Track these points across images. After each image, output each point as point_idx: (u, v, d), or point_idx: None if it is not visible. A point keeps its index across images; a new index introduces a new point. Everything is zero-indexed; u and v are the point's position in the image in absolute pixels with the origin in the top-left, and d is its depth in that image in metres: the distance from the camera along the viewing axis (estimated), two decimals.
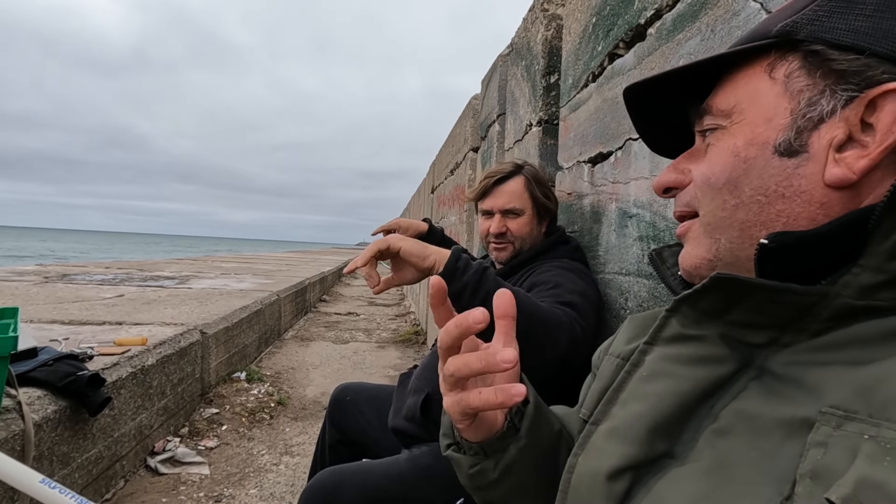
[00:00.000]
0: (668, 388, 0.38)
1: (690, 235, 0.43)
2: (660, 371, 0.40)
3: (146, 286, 4.12)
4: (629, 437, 0.39)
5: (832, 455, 0.27)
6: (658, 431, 0.38)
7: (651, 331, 0.42)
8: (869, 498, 0.24)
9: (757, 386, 0.35)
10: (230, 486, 1.82)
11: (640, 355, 0.42)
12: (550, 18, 1.70)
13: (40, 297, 3.21)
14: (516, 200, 1.13)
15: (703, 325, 0.38)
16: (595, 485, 0.39)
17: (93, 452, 1.55)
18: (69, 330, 2.18)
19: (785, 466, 0.29)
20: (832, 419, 0.28)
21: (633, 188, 1.00)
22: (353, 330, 4.98)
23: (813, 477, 0.27)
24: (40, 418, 1.32)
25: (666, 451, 0.37)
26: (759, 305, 0.35)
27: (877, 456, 0.25)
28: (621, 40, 1.08)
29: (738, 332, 0.37)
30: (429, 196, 5.77)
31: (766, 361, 0.35)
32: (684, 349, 0.39)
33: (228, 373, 2.83)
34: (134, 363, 1.83)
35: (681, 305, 0.39)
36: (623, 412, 0.41)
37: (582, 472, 0.41)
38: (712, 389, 0.37)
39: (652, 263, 0.51)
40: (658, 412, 0.38)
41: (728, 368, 0.37)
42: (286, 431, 2.35)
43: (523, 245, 1.13)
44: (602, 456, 0.40)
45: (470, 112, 3.24)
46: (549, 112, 1.66)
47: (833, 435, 0.28)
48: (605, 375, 0.49)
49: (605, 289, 1.11)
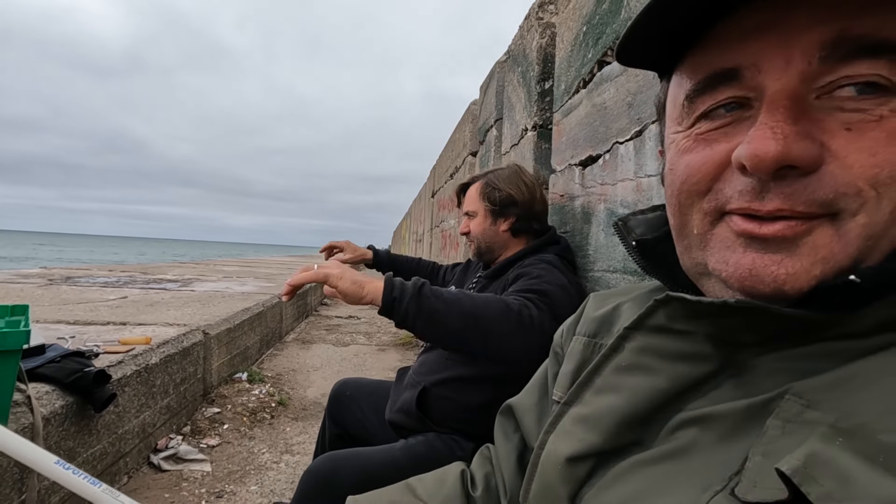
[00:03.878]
0: (645, 384, 0.37)
1: (818, 242, 0.30)
2: (638, 363, 0.39)
3: (149, 289, 4.16)
4: (599, 428, 0.38)
5: (788, 437, 0.27)
6: (628, 424, 0.37)
7: (635, 317, 0.40)
8: (818, 472, 0.24)
9: (732, 382, 0.34)
10: (231, 482, 1.85)
11: (620, 341, 0.40)
12: (545, 27, 1.75)
13: (45, 298, 3.25)
14: (471, 204, 1.28)
15: (692, 321, 0.36)
16: (557, 466, 0.40)
17: (97, 448, 1.59)
18: (74, 329, 2.22)
19: (741, 448, 0.29)
20: (795, 406, 0.28)
21: (620, 189, 1.04)
22: (354, 333, 5.01)
23: (765, 454, 0.27)
24: (48, 413, 1.35)
25: (633, 441, 0.37)
26: (765, 322, 0.32)
27: (830, 437, 0.25)
28: (609, 48, 1.13)
29: (728, 335, 0.34)
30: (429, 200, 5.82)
31: (747, 360, 0.34)
32: (668, 342, 0.37)
33: (230, 373, 2.86)
34: (138, 361, 1.87)
35: (673, 300, 0.36)
36: (596, 400, 0.40)
37: (550, 450, 0.42)
38: (689, 387, 0.36)
39: (617, 232, 0.48)
40: (632, 406, 0.37)
41: (709, 367, 0.35)
42: (287, 431, 2.38)
43: (481, 242, 1.26)
44: (570, 439, 0.40)
45: (469, 117, 3.29)
46: (544, 117, 1.71)
47: (792, 421, 0.28)
48: (574, 356, 0.49)
49: (594, 286, 1.15)
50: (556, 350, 0.56)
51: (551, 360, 0.56)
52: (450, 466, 0.62)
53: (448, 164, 4.32)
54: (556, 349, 0.56)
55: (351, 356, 3.98)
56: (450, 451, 1.01)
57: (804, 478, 0.24)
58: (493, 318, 0.89)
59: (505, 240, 1.24)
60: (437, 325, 0.87)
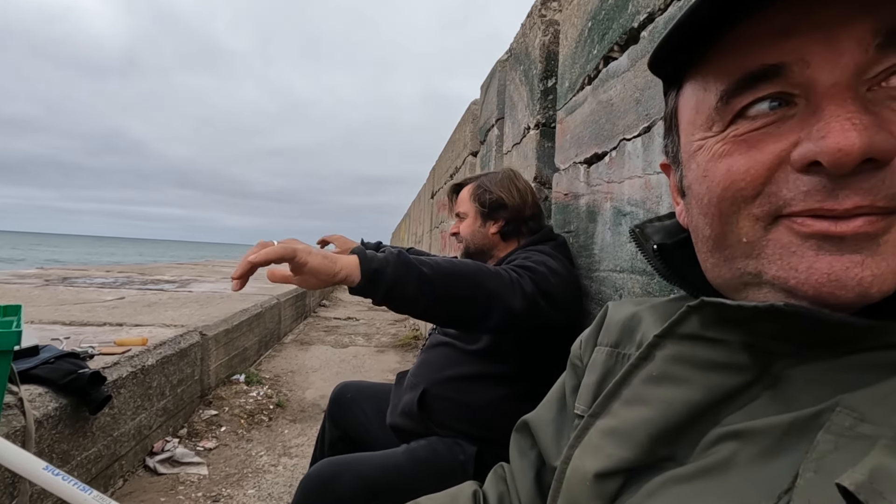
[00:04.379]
0: (679, 396, 0.35)
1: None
2: (670, 374, 0.37)
3: (147, 289, 4.13)
4: (630, 442, 0.36)
5: (842, 452, 0.25)
6: (661, 439, 0.36)
7: (666, 324, 0.38)
8: (886, 486, 0.22)
9: (770, 393, 0.32)
10: (228, 486, 1.82)
11: (650, 349, 0.38)
12: (548, 24, 1.73)
13: (42, 298, 3.22)
14: (462, 205, 1.29)
15: (726, 329, 0.34)
16: (585, 482, 0.38)
17: (92, 451, 1.56)
18: (70, 330, 2.19)
19: (787, 464, 0.28)
20: (846, 419, 0.27)
21: (627, 187, 1.02)
22: (353, 334, 4.98)
23: (818, 471, 0.25)
24: (41, 415, 1.33)
25: (665, 456, 0.35)
26: (803, 328, 0.30)
27: (894, 448, 0.23)
28: (616, 43, 1.11)
29: (764, 343, 0.33)
30: (429, 201, 5.80)
31: (784, 370, 0.32)
32: (700, 351, 0.36)
33: (228, 375, 2.84)
34: (134, 363, 1.85)
35: (706, 305, 0.35)
36: (626, 413, 0.38)
37: (576, 466, 0.39)
38: (724, 398, 0.34)
39: (634, 239, 0.47)
40: (665, 419, 0.35)
41: (745, 378, 0.33)
42: (285, 433, 2.36)
43: (469, 243, 1.27)
44: (598, 454, 0.38)
45: (469, 117, 3.27)
46: (547, 115, 1.69)
47: (844, 435, 0.26)
48: (598, 367, 0.47)
49: (599, 286, 1.12)
50: (575, 362, 0.53)
51: (569, 372, 0.54)
52: (462, 486, 0.59)
53: (448, 164, 4.30)
54: (575, 360, 0.53)
55: (350, 357, 3.95)
56: (452, 455, 0.99)
57: (870, 493, 0.22)
58: (477, 274, 0.87)
59: (494, 242, 1.25)
60: (426, 289, 0.79)
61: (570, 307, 1.03)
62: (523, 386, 1.05)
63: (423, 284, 0.79)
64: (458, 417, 1.05)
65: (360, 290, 0.76)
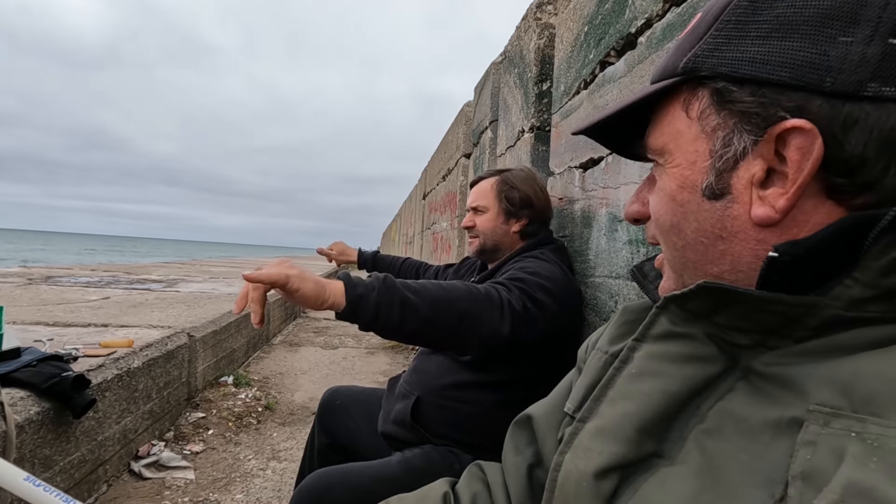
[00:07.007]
0: (657, 387, 0.38)
1: (665, 268, 0.43)
2: (649, 369, 0.39)
3: (133, 289, 4.06)
4: (618, 437, 0.38)
5: (821, 455, 0.27)
6: (646, 431, 0.37)
7: (640, 328, 0.41)
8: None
9: (744, 386, 0.35)
10: (216, 491, 1.79)
11: (629, 352, 0.41)
12: (543, 27, 1.73)
13: (24, 298, 3.15)
14: (482, 198, 1.23)
15: (690, 323, 0.38)
16: (582, 484, 0.39)
17: (76, 456, 1.52)
18: (53, 331, 2.14)
19: (774, 467, 0.29)
20: (820, 417, 0.28)
21: (623, 193, 1.01)
22: (343, 335, 4.94)
23: (804, 479, 0.27)
24: (23, 420, 1.29)
25: (654, 451, 0.37)
26: (744, 312, 0.34)
27: (863, 457, 0.25)
28: (612, 49, 1.11)
29: (724, 333, 0.36)
30: (420, 202, 5.78)
31: (751, 362, 0.35)
32: (673, 347, 0.39)
33: (216, 377, 2.79)
34: (119, 365, 1.81)
35: (669, 304, 0.39)
36: (611, 410, 0.40)
37: (569, 469, 0.40)
38: (700, 389, 0.36)
39: (634, 279, 0.50)
40: (647, 411, 0.38)
41: (716, 368, 0.36)
42: (273, 436, 2.33)
43: (487, 239, 1.22)
44: (589, 455, 0.39)
45: (462, 119, 3.26)
46: (541, 119, 1.69)
47: (821, 433, 0.28)
48: (591, 370, 0.48)
49: (595, 292, 1.12)
50: (580, 364, 0.55)
51: (575, 373, 0.56)
52: (434, 485, 0.60)
53: (440, 165, 4.29)
54: (580, 363, 0.55)
55: (339, 359, 3.92)
56: (448, 465, 0.97)
57: None
58: (463, 299, 0.86)
59: (513, 241, 1.22)
60: (411, 315, 0.80)
61: (566, 313, 1.02)
62: (519, 391, 1.03)
63: (408, 311, 0.81)
64: (453, 426, 1.04)
65: (345, 316, 0.79)
